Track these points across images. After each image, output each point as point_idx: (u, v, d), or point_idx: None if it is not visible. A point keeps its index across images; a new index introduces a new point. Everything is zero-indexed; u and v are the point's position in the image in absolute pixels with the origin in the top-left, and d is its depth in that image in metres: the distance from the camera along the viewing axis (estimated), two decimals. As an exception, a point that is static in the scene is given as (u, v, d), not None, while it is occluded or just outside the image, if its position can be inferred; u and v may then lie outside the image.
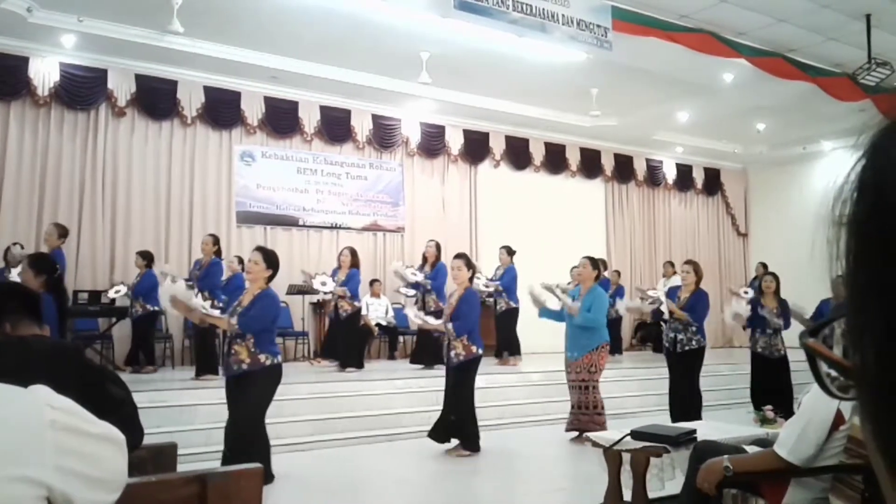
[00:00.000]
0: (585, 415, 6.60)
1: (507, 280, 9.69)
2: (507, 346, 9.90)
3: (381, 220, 11.80)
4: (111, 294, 8.61)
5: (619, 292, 11.67)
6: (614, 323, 10.36)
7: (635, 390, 8.82)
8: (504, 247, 10.03)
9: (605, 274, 10.45)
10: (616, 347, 11.06)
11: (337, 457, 6.08)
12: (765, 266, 11.63)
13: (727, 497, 2.86)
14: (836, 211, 0.38)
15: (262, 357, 4.99)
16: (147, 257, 8.78)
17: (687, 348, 6.83)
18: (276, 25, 8.73)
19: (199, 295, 7.99)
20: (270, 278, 5.17)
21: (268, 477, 5.07)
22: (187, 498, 1.99)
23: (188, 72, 9.95)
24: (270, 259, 5.19)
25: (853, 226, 0.37)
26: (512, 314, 9.74)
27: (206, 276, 8.27)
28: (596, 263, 6.98)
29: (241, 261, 8.44)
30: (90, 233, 9.51)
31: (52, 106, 9.39)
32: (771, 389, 7.22)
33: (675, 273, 10.99)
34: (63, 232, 7.94)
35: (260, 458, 4.99)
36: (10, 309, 2.22)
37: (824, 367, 0.42)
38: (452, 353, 6.12)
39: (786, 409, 5.82)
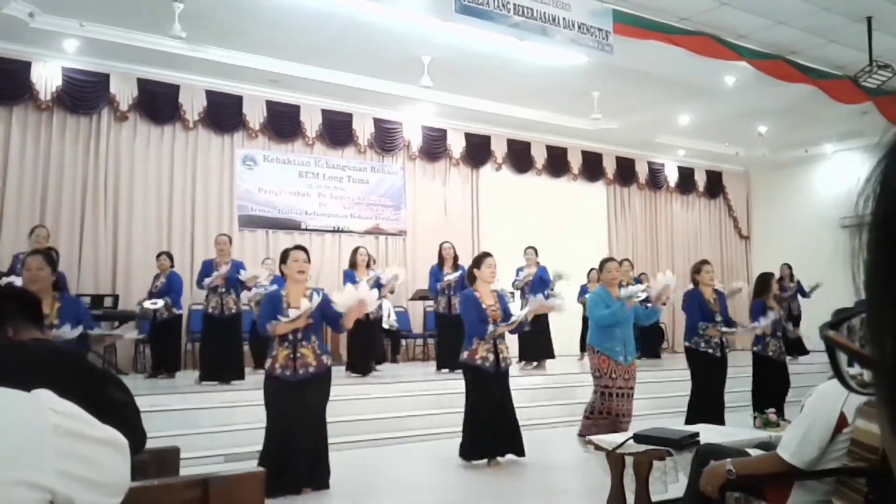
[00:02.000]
0: (629, 421, 6.35)
1: (545, 280, 9.61)
2: (543, 348, 9.81)
3: (383, 224, 11.81)
4: (149, 306, 8.31)
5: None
6: (654, 326, 10.09)
7: (637, 393, 8.77)
8: (530, 247, 10.02)
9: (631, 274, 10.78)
10: (655, 352, 11.66)
11: (343, 460, 6.06)
12: (790, 267, 11.69)
13: (730, 500, 2.85)
14: (859, 208, 0.40)
15: (324, 358, 5.04)
16: (171, 258, 8.70)
17: (728, 350, 6.63)
18: (278, 29, 8.74)
19: (228, 294, 8.07)
20: None
21: (324, 484, 5.10)
22: (190, 501, 1.99)
23: (190, 76, 9.97)
24: (309, 258, 5.33)
25: (874, 222, 0.39)
26: (545, 316, 9.66)
27: (233, 276, 8.12)
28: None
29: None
30: (92, 237, 9.52)
31: (54, 110, 9.40)
32: (775, 392, 7.13)
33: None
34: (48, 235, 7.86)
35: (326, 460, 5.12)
36: (10, 312, 2.21)
37: (845, 366, 0.44)
38: (501, 357, 5.94)
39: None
